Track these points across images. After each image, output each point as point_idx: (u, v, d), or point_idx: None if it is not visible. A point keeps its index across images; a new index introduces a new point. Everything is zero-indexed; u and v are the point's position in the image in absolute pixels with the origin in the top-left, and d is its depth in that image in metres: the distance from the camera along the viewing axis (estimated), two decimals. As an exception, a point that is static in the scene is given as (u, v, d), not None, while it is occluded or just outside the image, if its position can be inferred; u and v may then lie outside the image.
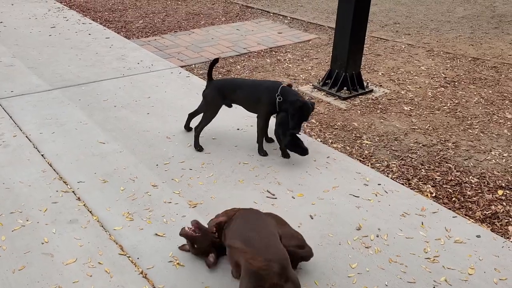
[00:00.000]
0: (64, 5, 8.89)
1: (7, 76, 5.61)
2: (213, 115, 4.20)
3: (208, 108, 4.17)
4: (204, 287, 2.76)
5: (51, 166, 3.88)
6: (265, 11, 8.90)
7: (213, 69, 4.32)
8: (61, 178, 3.73)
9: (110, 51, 6.55)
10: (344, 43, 5.29)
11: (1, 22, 7.70)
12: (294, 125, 3.83)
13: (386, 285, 2.82)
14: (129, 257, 2.97)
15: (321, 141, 4.47)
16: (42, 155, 4.04)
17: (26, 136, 4.31)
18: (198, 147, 4.17)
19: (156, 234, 3.15)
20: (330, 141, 4.49)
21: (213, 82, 4.14)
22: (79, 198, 3.50)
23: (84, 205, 3.43)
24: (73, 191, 3.58)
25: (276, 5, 9.31)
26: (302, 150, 3.96)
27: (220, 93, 4.09)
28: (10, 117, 4.65)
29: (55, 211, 3.35)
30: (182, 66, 6.13)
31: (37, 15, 8.12)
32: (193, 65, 6.24)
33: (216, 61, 4.10)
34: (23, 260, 2.91)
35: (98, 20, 8.07)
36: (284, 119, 3.93)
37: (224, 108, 4.86)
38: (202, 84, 5.57)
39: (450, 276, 2.90)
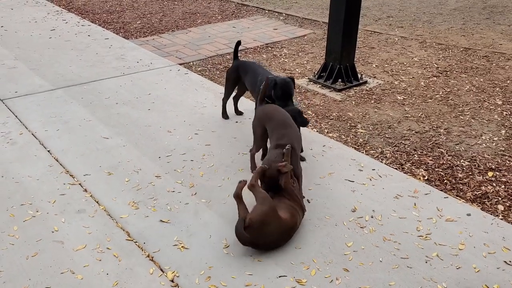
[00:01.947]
0: (63, 8, 9.05)
1: (11, 78, 5.76)
2: (230, 89, 4.64)
3: (226, 82, 4.62)
4: (208, 267, 2.91)
5: (57, 161, 4.03)
6: (261, 8, 9.05)
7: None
8: (67, 171, 3.88)
9: (110, 51, 6.70)
10: (337, 36, 5.44)
11: (2, 26, 7.85)
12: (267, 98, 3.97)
13: (381, 261, 2.97)
14: (136, 242, 3.12)
15: (317, 131, 4.62)
16: (48, 151, 4.19)
17: (32, 134, 4.46)
18: (225, 116, 4.76)
19: (161, 221, 3.31)
20: (326, 130, 4.64)
21: (235, 61, 4.57)
22: (86, 189, 3.66)
23: (91, 196, 3.58)
24: (79, 184, 3.73)
25: (271, 2, 9.46)
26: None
27: (235, 71, 4.51)
28: (16, 116, 4.80)
29: (63, 202, 3.50)
30: (180, 64, 6.29)
31: (37, 19, 8.27)
32: (191, 63, 6.40)
33: (239, 43, 4.59)
34: (36, 247, 3.06)
35: (97, 21, 8.23)
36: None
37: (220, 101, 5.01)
38: (201, 80, 5.73)
39: (441, 251, 3.06)
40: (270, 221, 2.96)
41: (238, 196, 3.13)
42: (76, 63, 6.25)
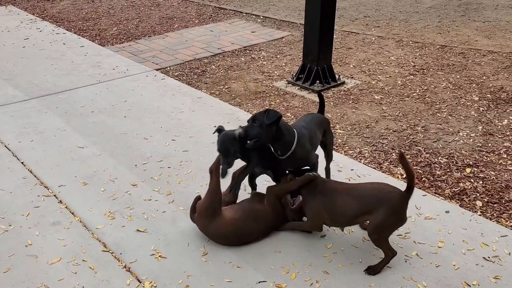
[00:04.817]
0: (37, 16, 8.90)
1: (-17, 89, 5.64)
2: None
3: None
4: (187, 276, 2.86)
5: (31, 172, 3.94)
6: (238, 11, 9.02)
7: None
8: (42, 183, 3.80)
9: (86, 59, 6.61)
10: (313, 38, 5.44)
11: (-26, 37, 7.69)
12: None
13: (361, 262, 2.95)
14: (112, 253, 3.06)
15: (296, 133, 4.59)
16: (22, 162, 4.09)
17: (5, 146, 4.36)
18: None
19: (138, 230, 3.24)
20: (304, 132, 4.62)
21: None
22: (60, 201, 3.58)
23: (66, 207, 3.50)
24: (54, 195, 3.65)
25: (248, 5, 9.44)
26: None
27: None
28: (-12, 128, 4.70)
29: (37, 215, 3.41)
30: (157, 69, 6.22)
31: (10, 28, 8.12)
32: (168, 68, 6.34)
33: (321, 96, 3.62)
34: (8, 263, 2.98)
35: (72, 29, 8.11)
36: None
37: (200, 106, 4.95)
38: (178, 85, 5.67)
39: (421, 250, 3.05)
40: (209, 215, 3.02)
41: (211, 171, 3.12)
42: (51, 72, 6.14)
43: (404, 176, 3.87)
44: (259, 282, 2.82)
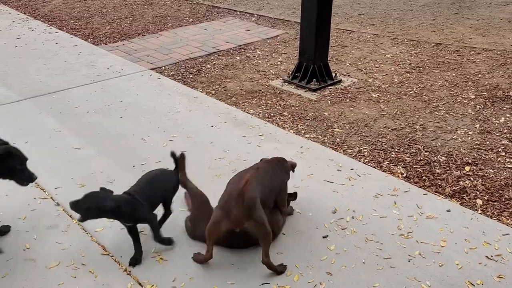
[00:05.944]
0: (29, 15, 8.80)
1: (-25, 90, 5.55)
2: None
3: None
4: (189, 278, 2.83)
5: (27, 174, 3.87)
6: (232, 10, 8.97)
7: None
8: (38, 186, 3.74)
9: (79, 58, 6.53)
10: (310, 36, 5.41)
11: (-35, 36, 7.58)
12: None
13: (364, 263, 2.93)
14: (112, 256, 3.01)
15: (294, 132, 4.57)
16: (17, 164, 4.02)
17: (-1, 147, 4.28)
18: None
19: (138, 232, 3.20)
20: (303, 131, 4.60)
21: None
22: (58, 203, 3.52)
23: (63, 210, 3.45)
24: (51, 197, 3.59)
25: (242, 4, 9.39)
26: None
27: None
28: (-19, 129, 4.61)
29: (34, 218, 3.36)
30: (152, 69, 6.16)
31: (1, 27, 8.02)
32: (163, 67, 6.28)
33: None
34: (6, 267, 2.92)
35: (65, 28, 8.02)
36: None
37: (197, 106, 4.91)
38: (174, 85, 5.62)
39: (423, 249, 3.04)
40: None
41: None
42: (44, 72, 6.06)
43: (405, 175, 3.87)
44: (262, 284, 2.79)
